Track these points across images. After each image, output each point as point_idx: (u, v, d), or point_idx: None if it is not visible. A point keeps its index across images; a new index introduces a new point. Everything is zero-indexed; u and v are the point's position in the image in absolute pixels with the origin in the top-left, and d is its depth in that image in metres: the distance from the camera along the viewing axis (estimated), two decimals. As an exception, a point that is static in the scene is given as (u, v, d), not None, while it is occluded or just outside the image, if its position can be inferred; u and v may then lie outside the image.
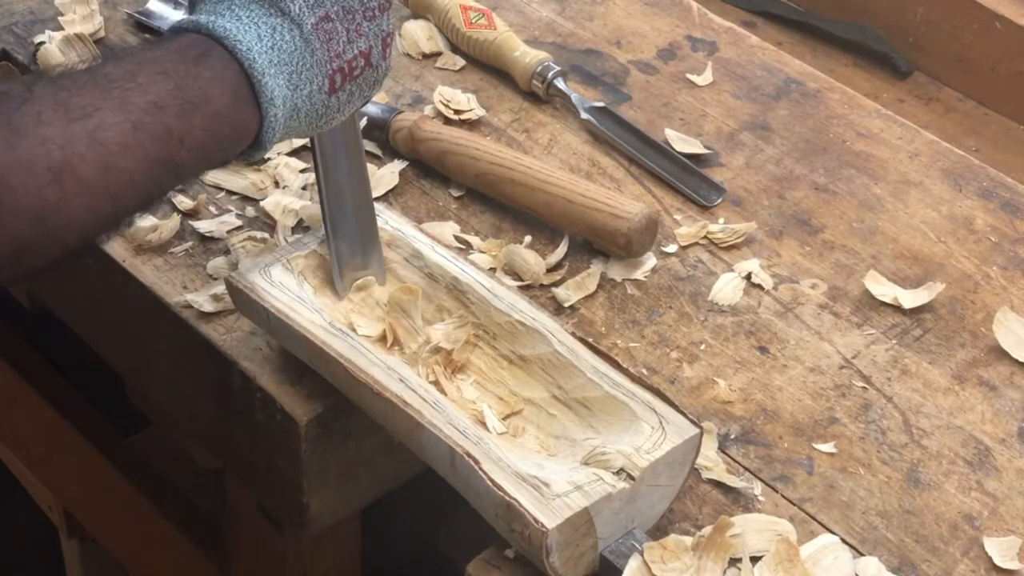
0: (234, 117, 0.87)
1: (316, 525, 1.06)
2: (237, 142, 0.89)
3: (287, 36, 0.88)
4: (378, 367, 0.94)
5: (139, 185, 0.83)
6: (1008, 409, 1.07)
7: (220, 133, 0.86)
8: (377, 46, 0.93)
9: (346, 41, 0.91)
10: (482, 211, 1.19)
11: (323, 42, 0.89)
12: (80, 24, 1.30)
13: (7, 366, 1.63)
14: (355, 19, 0.91)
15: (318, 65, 0.90)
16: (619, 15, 1.43)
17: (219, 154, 0.89)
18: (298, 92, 0.89)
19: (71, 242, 0.81)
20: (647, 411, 0.92)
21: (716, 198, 1.22)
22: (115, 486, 1.52)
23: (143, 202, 0.85)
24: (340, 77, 0.91)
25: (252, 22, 0.87)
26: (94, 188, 0.80)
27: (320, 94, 0.91)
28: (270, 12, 0.88)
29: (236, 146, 0.89)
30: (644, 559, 0.89)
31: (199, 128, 0.85)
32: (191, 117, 0.84)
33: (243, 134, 0.88)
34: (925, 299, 1.14)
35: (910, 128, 1.33)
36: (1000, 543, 0.97)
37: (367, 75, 0.93)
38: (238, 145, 0.89)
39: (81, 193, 0.79)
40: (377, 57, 0.93)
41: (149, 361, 1.18)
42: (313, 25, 0.89)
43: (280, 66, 0.88)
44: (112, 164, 0.80)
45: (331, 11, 0.90)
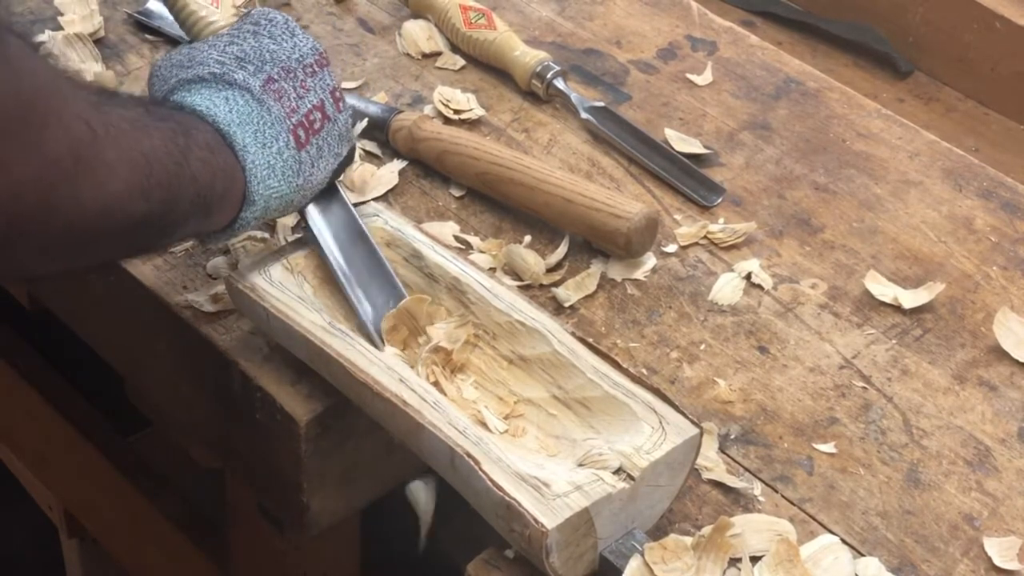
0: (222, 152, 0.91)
1: (316, 525, 1.06)
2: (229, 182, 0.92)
3: (240, 100, 0.93)
4: (378, 367, 0.94)
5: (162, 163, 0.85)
6: (1008, 409, 1.07)
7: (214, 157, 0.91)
8: (328, 99, 0.98)
9: (296, 97, 0.96)
10: (482, 211, 1.19)
11: (275, 100, 0.94)
12: (80, 24, 1.30)
13: (7, 366, 1.63)
14: (297, 76, 0.96)
15: (278, 122, 0.94)
16: (619, 15, 1.43)
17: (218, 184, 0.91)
18: (267, 149, 0.93)
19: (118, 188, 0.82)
20: (647, 411, 0.92)
21: (716, 198, 1.22)
22: (115, 486, 1.52)
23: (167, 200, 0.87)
24: (303, 131, 0.96)
25: (206, 98, 0.93)
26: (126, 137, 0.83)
27: (288, 150, 0.95)
28: (219, 87, 0.93)
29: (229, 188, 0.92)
30: (645, 559, 0.89)
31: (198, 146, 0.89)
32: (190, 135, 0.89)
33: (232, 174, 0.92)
34: (925, 299, 1.14)
35: (910, 128, 1.33)
36: (1000, 543, 0.97)
37: (328, 129, 0.98)
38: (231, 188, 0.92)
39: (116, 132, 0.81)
40: (331, 110, 0.98)
41: (149, 361, 1.18)
42: (260, 87, 0.94)
43: (243, 125, 0.93)
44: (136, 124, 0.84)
45: (272, 73, 0.95)
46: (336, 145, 0.99)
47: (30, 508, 1.75)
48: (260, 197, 0.93)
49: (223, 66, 0.94)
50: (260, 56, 0.95)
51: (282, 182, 0.95)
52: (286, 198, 0.96)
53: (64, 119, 0.77)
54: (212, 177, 0.90)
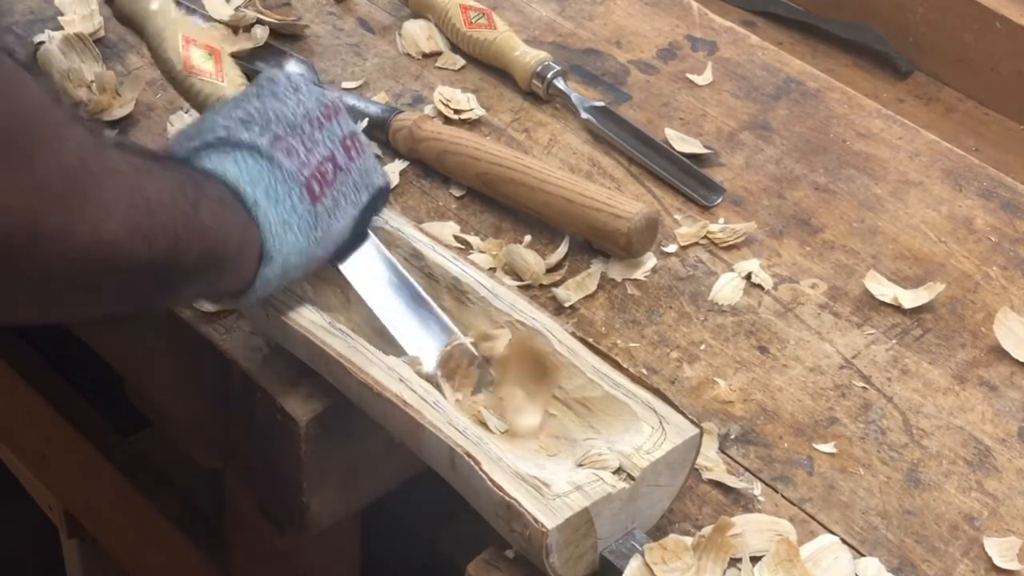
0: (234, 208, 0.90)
1: (316, 525, 1.06)
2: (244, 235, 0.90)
3: (250, 160, 0.92)
4: (378, 367, 0.94)
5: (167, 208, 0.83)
6: (1008, 409, 1.07)
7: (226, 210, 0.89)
8: (338, 150, 0.96)
9: (305, 151, 0.94)
10: (482, 211, 1.19)
11: (285, 156, 0.93)
12: (80, 24, 1.30)
13: (7, 366, 1.63)
14: (304, 131, 0.95)
15: (290, 178, 0.93)
16: (619, 15, 1.43)
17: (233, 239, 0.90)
18: (281, 206, 0.92)
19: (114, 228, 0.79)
20: (647, 411, 0.92)
21: (716, 198, 1.22)
22: (115, 486, 1.52)
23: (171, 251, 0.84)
24: (317, 184, 0.94)
25: (214, 161, 0.91)
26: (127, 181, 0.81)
27: (303, 204, 0.93)
28: (227, 150, 0.92)
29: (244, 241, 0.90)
30: (645, 559, 0.89)
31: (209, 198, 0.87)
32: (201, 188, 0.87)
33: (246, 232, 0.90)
34: (925, 299, 1.14)
35: (910, 128, 1.33)
36: (1000, 543, 0.97)
37: (342, 179, 0.96)
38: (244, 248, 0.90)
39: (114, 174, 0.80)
40: (343, 160, 0.96)
41: (149, 361, 1.18)
42: (268, 144, 0.93)
43: (254, 183, 0.91)
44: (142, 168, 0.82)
45: (278, 131, 0.94)
46: (353, 194, 0.97)
47: (30, 508, 1.75)
48: (278, 253, 0.92)
49: (228, 129, 0.93)
50: (265, 116, 0.94)
51: (299, 236, 0.93)
52: (306, 253, 0.94)
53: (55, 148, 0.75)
54: (225, 232, 0.89)
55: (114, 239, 0.79)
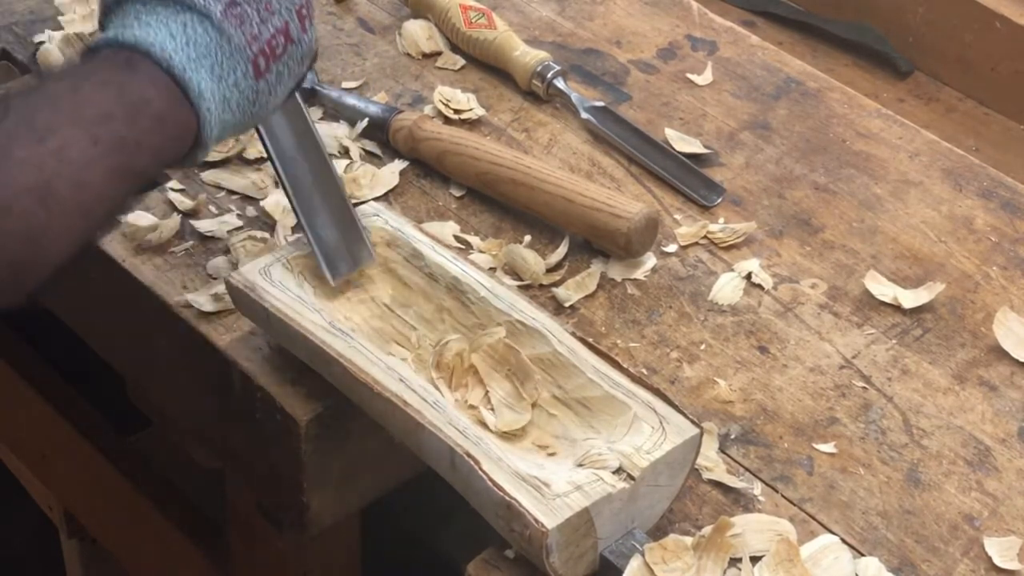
0: (175, 116, 0.86)
1: (316, 525, 1.06)
2: (182, 141, 0.88)
3: (199, 29, 0.87)
4: (378, 367, 0.94)
5: (106, 198, 0.83)
6: (1008, 409, 1.07)
7: (166, 134, 0.86)
8: (293, 20, 0.92)
9: (259, 22, 0.89)
10: (482, 211, 1.19)
11: (236, 27, 0.88)
12: (80, 24, 1.30)
13: (7, 366, 1.63)
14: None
15: (238, 51, 0.88)
16: (619, 15, 1.43)
17: (170, 156, 0.88)
18: (223, 83, 0.88)
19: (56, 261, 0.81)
20: (647, 411, 0.92)
21: (716, 198, 1.22)
22: (115, 486, 1.52)
23: (111, 213, 0.85)
24: (263, 60, 0.90)
25: (160, 24, 0.87)
26: (69, 206, 0.80)
27: (246, 80, 0.89)
28: (176, 10, 0.87)
29: (182, 145, 0.88)
30: (645, 560, 0.89)
31: (147, 131, 0.84)
32: (138, 122, 0.84)
33: (185, 132, 0.87)
34: (925, 299, 1.14)
35: (910, 128, 1.33)
36: (1000, 543, 0.97)
37: (291, 51, 0.92)
38: (183, 144, 0.88)
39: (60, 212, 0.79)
40: (296, 31, 0.92)
41: (149, 361, 1.18)
42: (222, 12, 0.88)
43: (200, 60, 0.87)
44: (81, 181, 0.80)
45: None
46: (297, 67, 0.93)
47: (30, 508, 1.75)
48: (212, 139, 0.89)
49: None
50: None
51: (236, 114, 0.90)
52: (239, 127, 0.92)
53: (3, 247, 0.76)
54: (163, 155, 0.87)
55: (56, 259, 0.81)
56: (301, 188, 1.00)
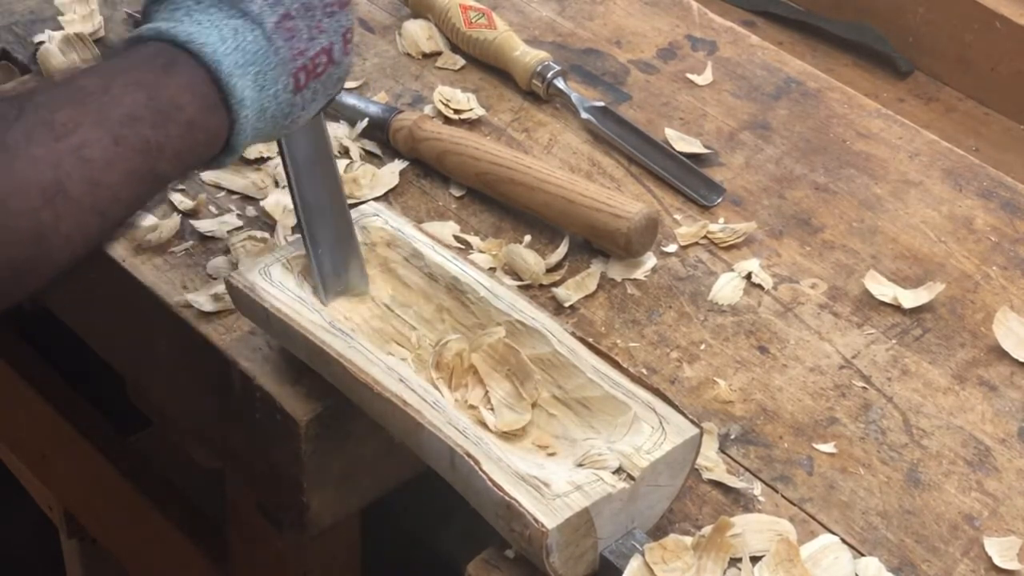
0: (206, 123, 0.86)
1: (316, 525, 1.06)
2: (210, 148, 0.88)
3: (249, 36, 0.87)
4: (378, 367, 0.94)
5: (123, 199, 0.83)
6: (1008, 409, 1.07)
7: (195, 140, 0.86)
8: (338, 42, 0.92)
9: (308, 38, 0.90)
10: (482, 211, 1.19)
11: (285, 40, 0.89)
12: (80, 24, 1.30)
13: (7, 366, 1.63)
14: (315, 16, 0.90)
15: (282, 64, 0.89)
16: (619, 15, 1.43)
17: (194, 161, 0.88)
18: (264, 92, 0.88)
19: (64, 262, 0.81)
20: (647, 411, 0.92)
21: (716, 198, 1.22)
22: (115, 486, 1.52)
23: (127, 215, 0.85)
24: (304, 75, 0.91)
25: (213, 25, 0.86)
26: (83, 206, 0.79)
27: (285, 93, 0.90)
28: (230, 14, 0.87)
29: (209, 152, 0.88)
30: (645, 560, 0.89)
31: (175, 137, 0.84)
32: (166, 127, 0.84)
33: (215, 139, 0.88)
34: (925, 299, 1.14)
35: (910, 128, 1.33)
36: (1000, 543, 0.97)
37: (330, 72, 0.93)
38: (211, 151, 0.88)
39: (72, 213, 0.79)
40: (339, 53, 0.93)
41: (149, 361, 1.18)
42: (274, 24, 0.88)
43: (246, 67, 0.87)
44: (98, 181, 0.80)
45: (291, 9, 0.89)
46: (331, 87, 0.94)
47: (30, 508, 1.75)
48: (242, 144, 0.89)
49: None
50: None
51: (269, 124, 0.90)
52: (267, 138, 0.93)
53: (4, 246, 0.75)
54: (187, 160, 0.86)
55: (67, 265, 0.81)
56: (311, 205, 1.00)
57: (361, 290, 1.02)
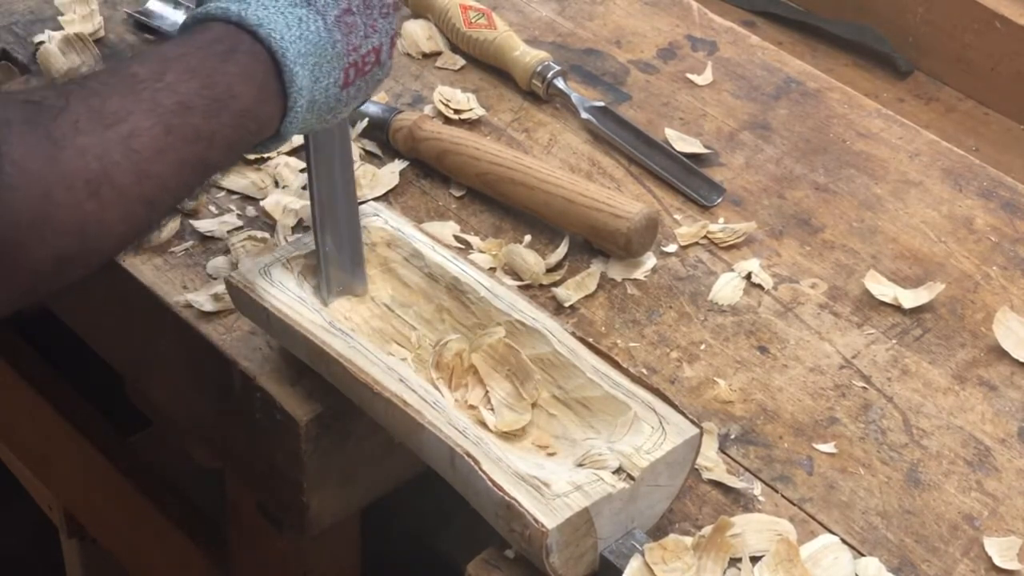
0: (259, 112, 0.87)
1: (316, 525, 1.06)
2: (260, 136, 0.89)
3: (312, 27, 0.88)
4: (378, 367, 0.94)
5: (171, 188, 0.83)
6: (1008, 409, 1.07)
7: (246, 129, 0.87)
8: (387, 43, 0.94)
9: (363, 35, 0.91)
10: (482, 211, 1.19)
11: (344, 35, 0.90)
12: (80, 24, 1.30)
13: (7, 366, 1.63)
14: (372, 15, 0.92)
15: (337, 58, 0.90)
16: (619, 15, 1.43)
17: (244, 149, 0.89)
18: (317, 84, 0.89)
19: (109, 251, 0.81)
20: (647, 411, 0.92)
21: (716, 198, 1.22)
22: (115, 486, 1.52)
23: (175, 204, 0.86)
24: (354, 71, 0.91)
25: (280, 12, 0.87)
26: (130, 196, 0.79)
27: (335, 87, 0.91)
28: (295, 2, 0.88)
29: (258, 139, 0.89)
30: (645, 560, 0.89)
31: (227, 126, 0.85)
32: (219, 116, 0.84)
33: (266, 127, 0.88)
34: (925, 299, 1.14)
35: (910, 128, 1.33)
36: (1000, 543, 0.97)
37: (375, 72, 0.94)
38: (260, 138, 0.89)
39: (118, 202, 0.79)
40: (385, 55, 0.94)
41: (149, 361, 1.18)
42: (336, 17, 0.89)
43: (306, 57, 0.87)
44: (146, 171, 0.80)
45: (352, 5, 0.90)
46: (370, 88, 0.95)
47: (30, 508, 1.75)
48: (291, 133, 0.90)
49: None
50: None
51: (314, 117, 0.91)
52: (309, 128, 0.93)
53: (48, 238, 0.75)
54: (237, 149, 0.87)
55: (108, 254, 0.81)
56: (326, 201, 1.00)
57: (361, 291, 1.02)
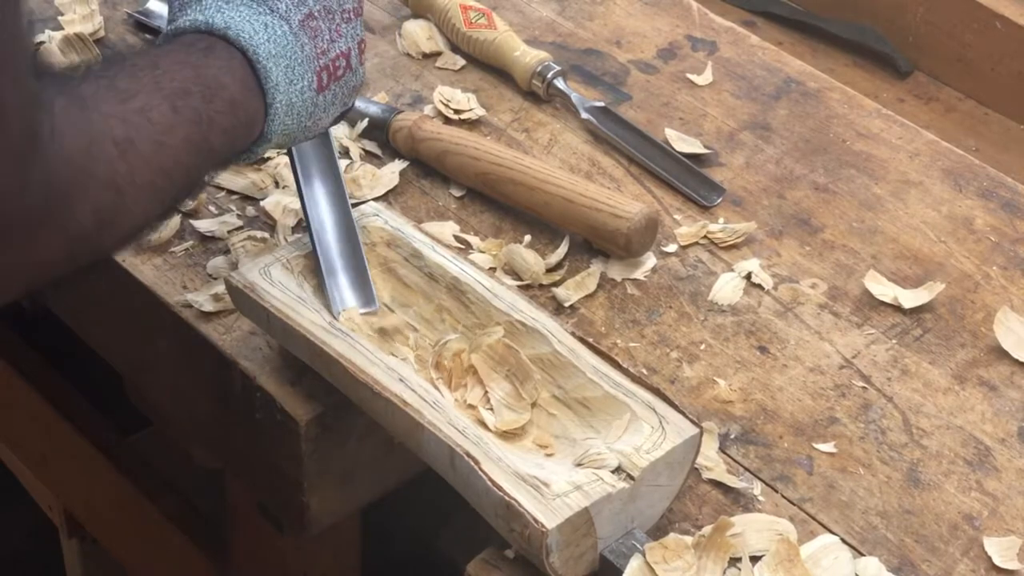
0: (246, 103, 0.90)
1: (316, 525, 1.06)
2: (249, 130, 0.91)
3: (278, 31, 0.92)
4: (378, 367, 0.94)
5: (183, 165, 0.86)
6: (1008, 409, 1.07)
7: (237, 119, 0.90)
8: (355, 48, 0.97)
9: (329, 39, 0.95)
10: (482, 211, 1.19)
11: (310, 38, 0.93)
12: (80, 24, 1.30)
13: (7, 366, 1.63)
14: (335, 20, 0.95)
15: (307, 61, 0.93)
16: (619, 15, 1.43)
17: (239, 141, 0.91)
18: (292, 86, 0.92)
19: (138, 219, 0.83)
20: (647, 411, 0.92)
21: (716, 198, 1.22)
22: (115, 486, 1.52)
23: (186, 185, 0.88)
24: (326, 75, 0.95)
25: (245, 19, 0.91)
26: (152, 164, 0.82)
27: (309, 91, 0.94)
28: (260, 10, 0.92)
29: (249, 133, 0.92)
30: (646, 559, 0.89)
31: (222, 113, 0.88)
32: (212, 102, 0.87)
33: (254, 122, 0.91)
34: (925, 299, 1.14)
35: (910, 128, 1.33)
36: (1000, 543, 0.97)
37: (347, 78, 0.97)
38: (250, 134, 0.92)
39: (143, 168, 0.81)
40: (355, 60, 0.98)
41: (149, 361, 1.18)
42: (300, 21, 0.93)
43: (277, 58, 0.91)
44: (162, 141, 0.83)
45: (314, 10, 0.94)
46: (347, 95, 0.98)
47: (30, 508, 1.75)
48: (274, 135, 0.93)
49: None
50: None
51: (295, 121, 0.94)
52: (292, 136, 0.96)
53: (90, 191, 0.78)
54: (233, 138, 0.90)
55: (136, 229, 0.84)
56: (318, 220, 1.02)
57: (371, 308, 1.01)
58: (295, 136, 0.96)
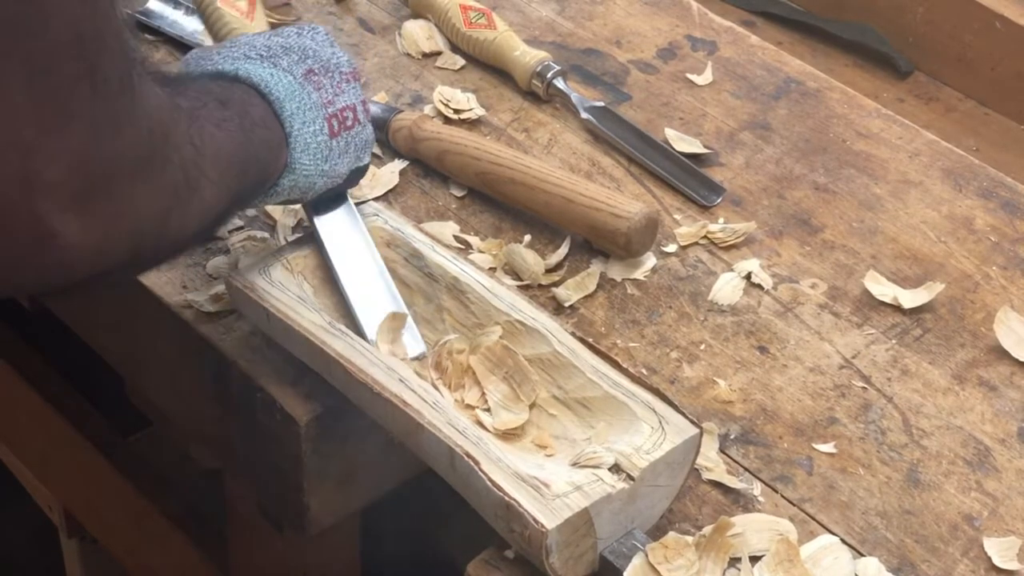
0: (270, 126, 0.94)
1: (316, 525, 1.06)
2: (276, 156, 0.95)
3: (284, 80, 0.96)
4: (378, 367, 0.94)
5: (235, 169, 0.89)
6: (1008, 409, 1.07)
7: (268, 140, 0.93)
8: (359, 106, 1.00)
9: (333, 92, 0.99)
10: (482, 211, 1.19)
11: (315, 89, 0.97)
12: (80, 24, 1.30)
13: (7, 366, 1.63)
14: (335, 77, 0.99)
15: (315, 107, 0.97)
16: (619, 15, 1.43)
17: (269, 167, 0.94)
18: (306, 128, 0.96)
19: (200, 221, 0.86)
20: (647, 411, 0.92)
21: (716, 198, 1.22)
22: (115, 486, 1.52)
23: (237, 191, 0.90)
24: (336, 123, 0.98)
25: (255, 68, 0.96)
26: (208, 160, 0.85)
27: (322, 134, 0.97)
28: (264, 65, 0.96)
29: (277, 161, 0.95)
30: (647, 559, 0.89)
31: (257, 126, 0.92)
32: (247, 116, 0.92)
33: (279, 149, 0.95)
34: (925, 299, 1.14)
35: (910, 128, 1.33)
36: (1000, 543, 0.97)
37: (357, 131, 1.00)
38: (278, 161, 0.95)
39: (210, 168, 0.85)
40: (362, 116, 1.00)
41: (149, 361, 1.18)
42: (303, 75, 0.97)
43: (289, 98, 0.95)
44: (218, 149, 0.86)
45: (314, 67, 0.98)
46: (359, 150, 1.01)
47: (30, 508, 1.75)
48: (297, 166, 0.96)
49: (269, 50, 0.97)
50: (303, 50, 0.98)
51: (313, 162, 0.97)
52: (311, 179, 0.98)
53: (179, 146, 0.81)
54: (268, 152, 0.93)
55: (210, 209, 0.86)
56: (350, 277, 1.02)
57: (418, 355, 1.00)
58: (314, 180, 0.98)
